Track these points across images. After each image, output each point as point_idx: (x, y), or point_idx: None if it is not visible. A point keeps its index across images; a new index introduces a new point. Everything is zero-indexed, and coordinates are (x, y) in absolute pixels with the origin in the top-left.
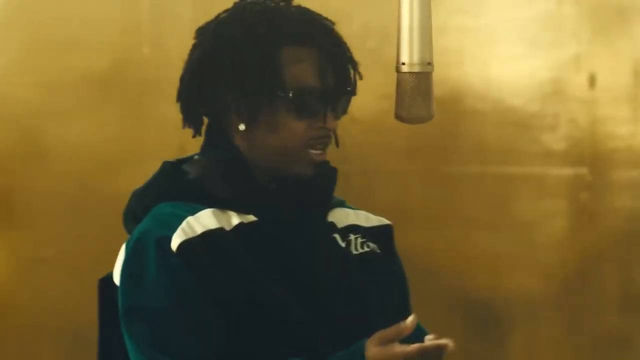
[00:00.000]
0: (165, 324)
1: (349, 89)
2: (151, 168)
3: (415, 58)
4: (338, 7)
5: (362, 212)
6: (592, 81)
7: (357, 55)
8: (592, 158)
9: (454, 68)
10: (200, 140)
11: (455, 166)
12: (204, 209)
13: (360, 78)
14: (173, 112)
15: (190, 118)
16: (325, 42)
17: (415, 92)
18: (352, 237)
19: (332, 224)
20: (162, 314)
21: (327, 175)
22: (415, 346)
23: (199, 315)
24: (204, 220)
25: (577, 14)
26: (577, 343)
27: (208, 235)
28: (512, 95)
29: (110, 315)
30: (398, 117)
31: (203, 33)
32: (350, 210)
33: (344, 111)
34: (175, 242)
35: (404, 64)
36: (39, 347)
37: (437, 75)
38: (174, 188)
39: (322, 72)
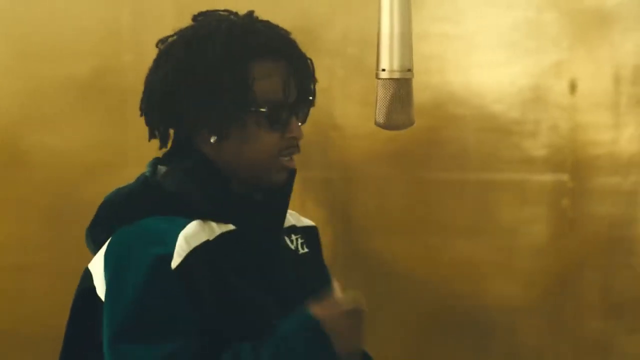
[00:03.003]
0: (158, 345)
1: (311, 98)
2: (132, 175)
3: (395, 65)
4: (320, 13)
5: (293, 212)
6: (572, 88)
7: (338, 61)
8: (573, 164)
9: (435, 75)
10: None
11: (437, 173)
12: (189, 221)
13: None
14: None
15: (159, 130)
16: (290, 56)
17: (395, 98)
18: (293, 237)
19: None
20: (156, 334)
21: (291, 181)
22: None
23: (189, 335)
24: (193, 234)
25: (558, 20)
26: (557, 350)
27: (198, 250)
28: (493, 101)
29: (85, 328)
30: (378, 123)
31: (172, 48)
32: None
33: (305, 120)
34: (175, 262)
35: (384, 70)
36: (19, 355)
37: (418, 82)
38: (154, 201)
39: (289, 85)
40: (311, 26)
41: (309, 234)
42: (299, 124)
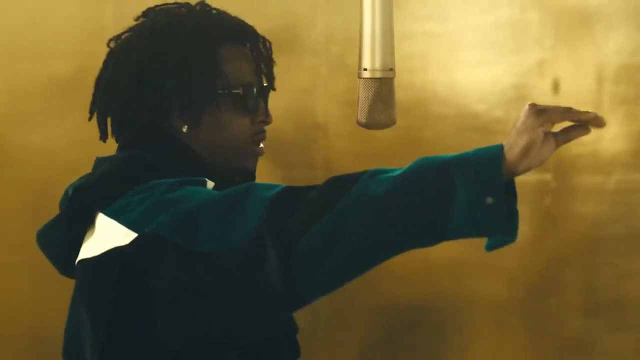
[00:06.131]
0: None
1: (274, 84)
2: None
3: (377, 64)
4: (302, 12)
5: None
6: (555, 87)
7: (321, 60)
8: (556, 164)
9: (418, 74)
10: None
11: None
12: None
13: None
14: None
15: (121, 126)
16: (255, 40)
17: (377, 97)
18: None
19: None
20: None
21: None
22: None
23: None
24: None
25: (541, 20)
26: (540, 349)
27: None
28: (476, 100)
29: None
30: (360, 123)
31: (132, 42)
32: None
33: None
34: (210, 184)
35: (365, 69)
36: (1, 356)
37: (401, 81)
38: (143, 174)
39: (257, 69)
40: (294, 25)
41: None
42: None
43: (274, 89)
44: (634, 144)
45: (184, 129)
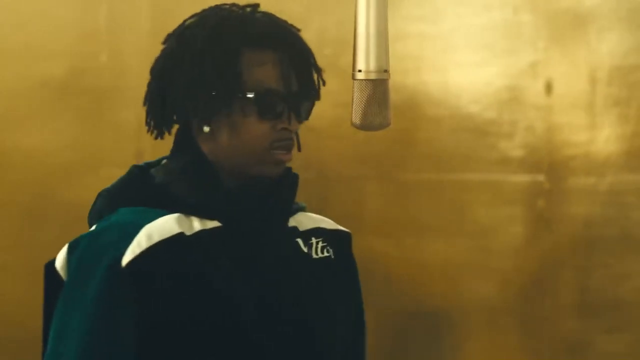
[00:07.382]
0: (87, 347)
1: (312, 93)
2: (108, 175)
3: (372, 65)
4: (295, 13)
5: (325, 218)
6: (548, 88)
7: None
8: (549, 165)
9: (411, 75)
10: (162, 144)
11: (412, 173)
12: (167, 214)
13: (324, 84)
14: (130, 119)
15: (153, 122)
16: (287, 47)
17: (372, 99)
18: (313, 240)
19: (295, 228)
20: (86, 338)
21: (289, 181)
22: None
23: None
24: (163, 227)
25: (534, 21)
26: (534, 350)
27: (164, 243)
28: (469, 102)
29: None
30: (354, 124)
31: (169, 38)
32: (313, 215)
33: (307, 116)
34: (126, 259)
35: (360, 71)
36: None
37: (394, 82)
38: (140, 192)
39: (285, 76)
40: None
41: (338, 238)
42: (297, 118)
43: (313, 97)
44: (626, 145)
45: (205, 130)
